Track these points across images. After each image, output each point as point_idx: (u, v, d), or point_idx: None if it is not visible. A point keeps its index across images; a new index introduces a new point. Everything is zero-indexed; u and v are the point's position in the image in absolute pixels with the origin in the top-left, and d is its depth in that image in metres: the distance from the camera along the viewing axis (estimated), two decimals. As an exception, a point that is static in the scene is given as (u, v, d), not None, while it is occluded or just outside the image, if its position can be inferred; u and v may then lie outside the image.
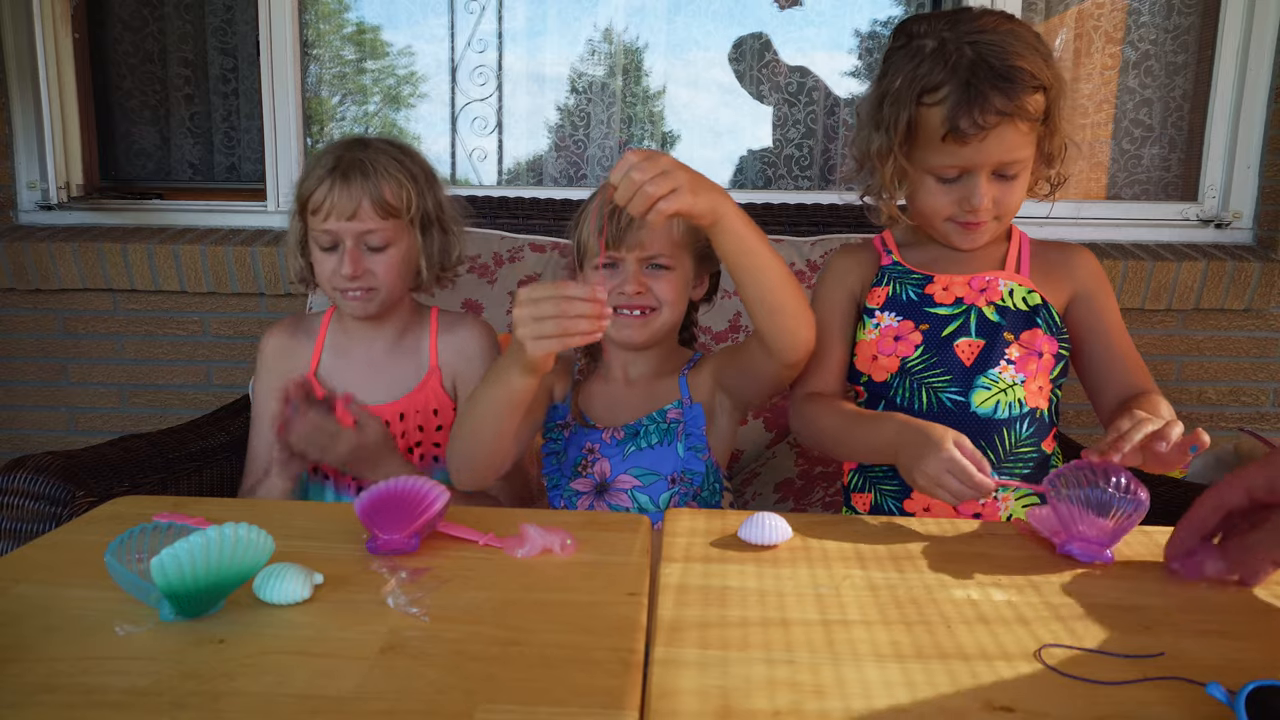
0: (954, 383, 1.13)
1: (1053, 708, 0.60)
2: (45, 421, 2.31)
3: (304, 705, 0.59)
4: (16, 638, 0.68)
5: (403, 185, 1.22)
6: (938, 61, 1.05)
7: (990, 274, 1.16)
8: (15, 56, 2.22)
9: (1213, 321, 2.12)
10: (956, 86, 1.04)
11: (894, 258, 1.21)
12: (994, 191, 1.09)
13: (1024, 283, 1.16)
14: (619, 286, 1.17)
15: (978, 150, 1.06)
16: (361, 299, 1.24)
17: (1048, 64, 1.06)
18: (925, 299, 1.16)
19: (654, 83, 2.41)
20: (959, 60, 1.04)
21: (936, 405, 1.13)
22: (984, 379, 1.12)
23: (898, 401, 1.15)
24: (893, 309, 1.17)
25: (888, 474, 1.17)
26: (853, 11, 2.34)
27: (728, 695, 0.61)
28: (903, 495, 1.16)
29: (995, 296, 1.15)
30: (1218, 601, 0.78)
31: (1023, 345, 1.13)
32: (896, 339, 1.16)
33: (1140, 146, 2.27)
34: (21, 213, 2.28)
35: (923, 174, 1.11)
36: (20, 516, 1.19)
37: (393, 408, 1.29)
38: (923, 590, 0.78)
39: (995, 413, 1.12)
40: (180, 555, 0.67)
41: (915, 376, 1.14)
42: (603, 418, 1.24)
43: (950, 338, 1.14)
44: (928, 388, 1.14)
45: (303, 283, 1.34)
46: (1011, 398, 1.13)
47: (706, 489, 1.19)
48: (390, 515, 0.85)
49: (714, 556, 0.85)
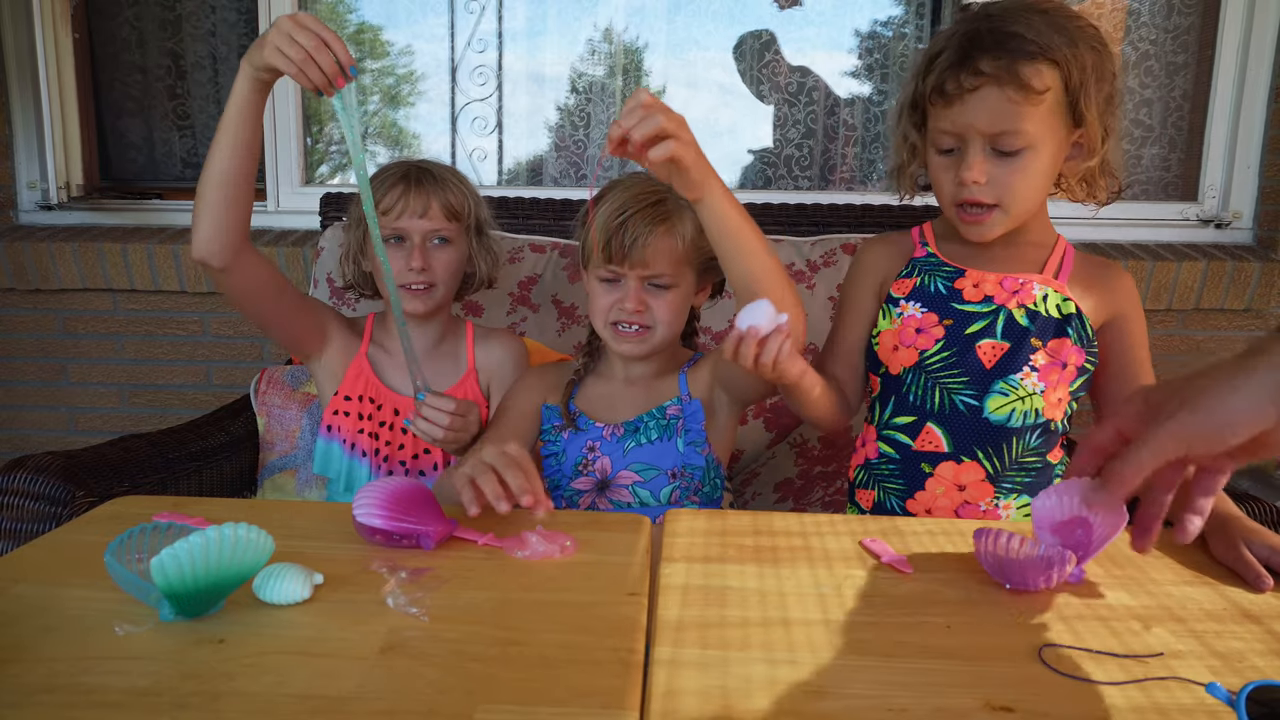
0: (970, 385, 1.11)
1: (1053, 708, 0.60)
2: (45, 421, 2.31)
3: (304, 705, 0.59)
4: (16, 638, 0.68)
5: (464, 194, 1.38)
6: (951, 34, 1.06)
7: (1025, 276, 1.13)
8: (15, 56, 2.22)
9: (1213, 321, 2.12)
10: (952, 50, 1.04)
11: (929, 249, 1.18)
12: (991, 169, 1.05)
13: (1060, 289, 1.12)
14: (619, 303, 1.18)
15: (962, 113, 1.04)
16: (423, 294, 1.35)
17: (1071, 46, 1.03)
18: (954, 293, 1.13)
19: (654, 83, 2.41)
20: (967, 30, 1.04)
21: (949, 406, 1.12)
22: (1002, 384, 1.10)
23: (910, 399, 1.14)
24: (919, 299, 1.15)
25: (893, 472, 1.16)
26: (853, 11, 2.34)
27: (728, 695, 0.61)
28: (906, 494, 1.15)
29: (1028, 299, 1.11)
30: (1218, 601, 0.78)
31: (1049, 354, 1.10)
32: (918, 331, 1.13)
33: (1140, 146, 2.27)
34: (21, 213, 2.28)
35: (930, 152, 1.11)
36: (20, 516, 1.19)
37: None
38: (923, 590, 0.78)
39: (1009, 420, 1.10)
40: (180, 555, 0.67)
41: (931, 374, 1.12)
42: (602, 415, 1.25)
43: (974, 337, 1.11)
44: (942, 387, 1.12)
45: (350, 289, 1.44)
46: (1029, 406, 1.10)
47: (708, 484, 1.20)
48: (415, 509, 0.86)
49: (714, 556, 0.85)
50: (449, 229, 1.35)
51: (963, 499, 1.12)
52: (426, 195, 1.33)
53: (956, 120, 1.05)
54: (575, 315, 1.76)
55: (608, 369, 1.29)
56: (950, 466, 1.12)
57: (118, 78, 2.40)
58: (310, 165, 2.38)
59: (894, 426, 1.16)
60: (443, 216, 1.34)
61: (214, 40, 2.39)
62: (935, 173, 1.11)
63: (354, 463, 1.38)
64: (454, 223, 1.36)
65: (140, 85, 2.41)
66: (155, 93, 2.41)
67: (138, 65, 2.40)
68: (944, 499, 1.13)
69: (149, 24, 2.38)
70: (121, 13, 2.37)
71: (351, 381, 1.38)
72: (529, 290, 1.79)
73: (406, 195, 1.33)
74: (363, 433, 1.37)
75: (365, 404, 1.38)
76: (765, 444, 1.73)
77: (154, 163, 2.45)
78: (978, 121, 1.04)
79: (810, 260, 1.79)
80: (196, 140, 2.43)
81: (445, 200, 1.34)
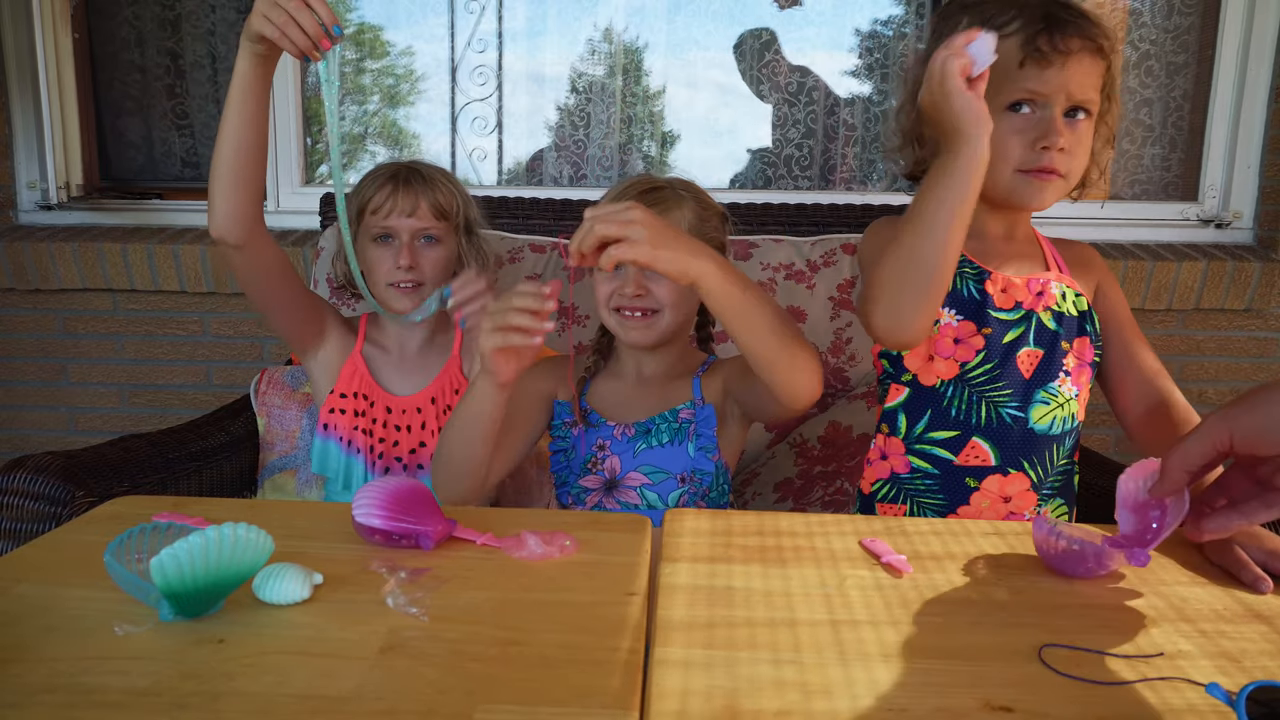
0: (1014, 397, 1.08)
1: (1053, 708, 0.60)
2: (45, 421, 2.31)
3: (304, 705, 0.59)
4: (16, 638, 0.68)
5: (452, 194, 1.39)
6: (1007, 6, 1.03)
7: (1042, 276, 1.11)
8: (15, 56, 2.23)
9: (1213, 321, 2.12)
10: (1031, 19, 1.02)
11: None
12: (1068, 135, 1.03)
13: (1072, 284, 1.11)
14: (619, 289, 1.17)
15: (1059, 73, 1.01)
16: (410, 292, 1.36)
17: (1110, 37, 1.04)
18: (986, 299, 1.08)
19: (654, 82, 2.41)
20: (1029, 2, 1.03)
21: (995, 420, 1.08)
22: (1043, 393, 1.08)
23: (951, 413, 1.09)
24: (953, 305, 1.09)
25: (930, 487, 1.11)
26: (853, 11, 2.34)
27: (728, 695, 0.61)
28: (946, 509, 1.10)
29: (1051, 302, 1.09)
30: (1218, 601, 0.78)
31: (1076, 355, 1.09)
32: (956, 341, 1.09)
33: (1140, 146, 2.27)
34: (21, 213, 2.28)
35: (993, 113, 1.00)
36: (20, 516, 1.19)
37: (424, 394, 1.41)
38: (923, 590, 0.78)
39: (1051, 428, 1.08)
40: (180, 555, 0.67)
41: (975, 388, 1.08)
42: (613, 414, 1.24)
43: (1012, 347, 1.08)
44: (988, 401, 1.08)
45: (343, 288, 1.46)
46: (1067, 412, 1.09)
47: (715, 490, 1.19)
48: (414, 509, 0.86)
49: (715, 556, 0.85)
50: (438, 228, 1.38)
51: (1008, 510, 1.09)
52: (415, 194, 1.35)
53: (1050, 80, 1.02)
54: (575, 315, 1.77)
55: (620, 367, 1.28)
56: (996, 480, 1.09)
57: (117, 77, 2.40)
58: (310, 165, 2.38)
59: (930, 441, 1.11)
60: (431, 215, 1.36)
61: (213, 39, 2.39)
62: (1002, 136, 1.01)
63: (351, 460, 1.38)
64: (442, 222, 1.38)
65: (140, 85, 2.41)
66: (155, 92, 2.41)
67: (137, 65, 2.40)
68: (989, 512, 1.09)
69: (148, 24, 2.38)
70: (121, 12, 2.37)
71: (347, 379, 1.39)
72: (529, 290, 1.79)
73: (395, 194, 1.35)
74: (358, 429, 1.38)
75: (360, 401, 1.39)
76: (765, 444, 1.73)
77: (154, 162, 2.45)
78: (1072, 82, 1.02)
79: (810, 260, 1.79)
80: (196, 140, 2.43)
81: (434, 199, 1.37)
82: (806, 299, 1.76)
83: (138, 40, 2.39)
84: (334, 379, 1.39)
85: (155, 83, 2.41)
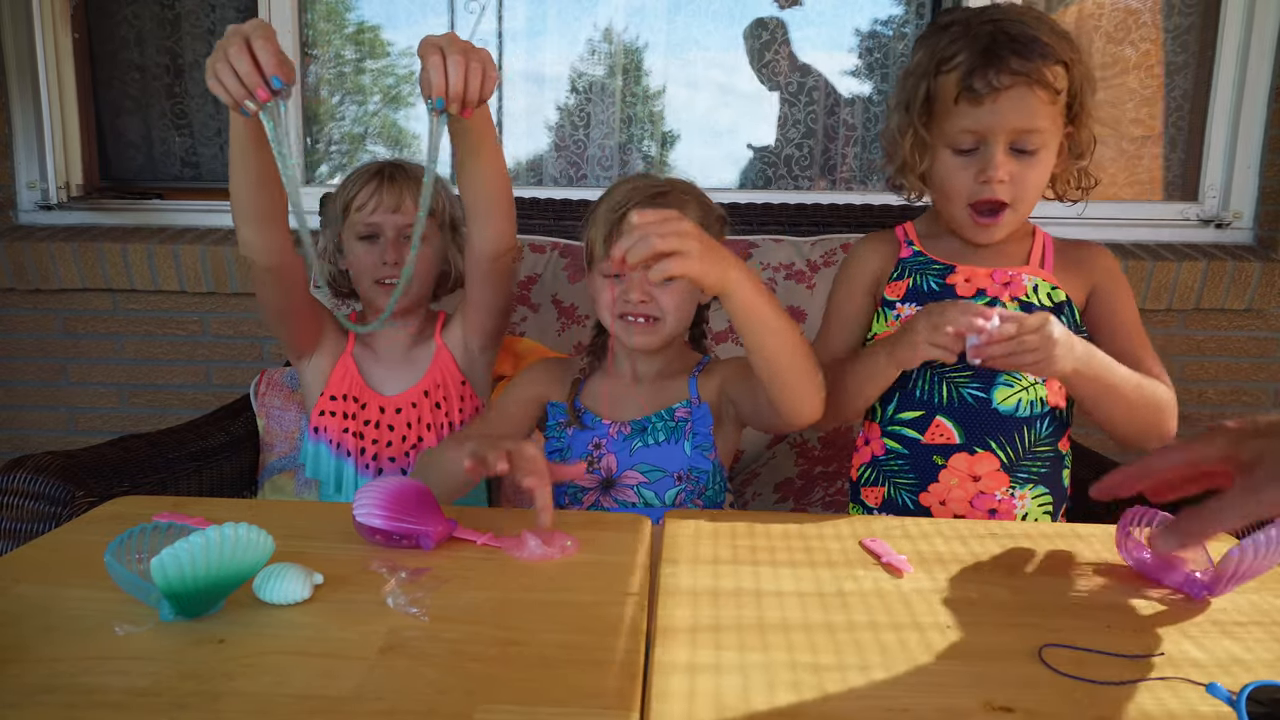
0: (976, 378, 1.12)
1: (1053, 708, 0.60)
2: (45, 421, 2.31)
3: (304, 705, 0.59)
4: (16, 638, 0.68)
5: (437, 191, 1.38)
6: (958, 36, 1.07)
7: (1014, 269, 1.15)
8: (15, 56, 2.22)
9: (1213, 321, 2.12)
10: (973, 52, 1.05)
11: (915, 248, 1.20)
12: (1011, 167, 1.07)
13: (1049, 279, 1.15)
14: (624, 294, 1.17)
15: (992, 112, 1.05)
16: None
17: (1072, 49, 1.06)
18: (947, 290, 1.15)
19: (654, 82, 2.41)
20: (978, 32, 1.06)
21: (958, 400, 1.13)
22: (1006, 375, 1.12)
23: (916, 394, 1.15)
24: (914, 300, 1.16)
25: (902, 466, 1.16)
26: (853, 11, 2.34)
27: (728, 695, 0.61)
28: (918, 488, 1.15)
29: (1019, 292, 1.13)
30: (1217, 602, 0.78)
31: None
32: None
33: (1140, 146, 2.27)
34: (21, 213, 2.28)
35: (941, 149, 1.11)
36: (20, 516, 1.19)
37: (417, 388, 1.40)
38: (924, 590, 0.78)
39: (1016, 410, 1.12)
40: (180, 555, 0.67)
41: (937, 370, 1.14)
42: (609, 413, 1.24)
43: None
44: (949, 381, 1.13)
45: (331, 286, 1.44)
46: (1033, 395, 1.12)
47: (712, 488, 1.19)
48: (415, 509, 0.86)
49: (715, 557, 0.85)
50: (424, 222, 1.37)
51: (977, 489, 1.13)
52: (399, 191, 1.35)
53: (983, 119, 1.06)
54: (575, 315, 1.76)
55: (615, 367, 1.28)
56: (963, 458, 1.13)
57: (117, 77, 2.40)
58: (310, 165, 2.38)
59: (900, 422, 1.16)
60: (415, 212, 1.34)
61: (213, 39, 2.38)
62: (949, 172, 1.11)
63: (341, 463, 1.38)
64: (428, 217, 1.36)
65: (139, 85, 2.41)
66: (155, 92, 2.41)
67: (136, 64, 2.40)
68: (958, 490, 1.13)
69: (148, 23, 2.38)
70: (120, 12, 2.37)
71: (337, 381, 1.39)
72: (529, 290, 1.79)
73: (379, 191, 1.35)
74: (347, 432, 1.38)
75: (350, 403, 1.38)
76: (765, 444, 1.73)
77: (153, 162, 2.45)
78: (1007, 120, 1.06)
79: (810, 260, 1.79)
80: (196, 140, 2.43)
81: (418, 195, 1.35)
82: (806, 299, 1.76)
83: (137, 40, 2.38)
84: (324, 382, 1.39)
85: (155, 82, 2.41)
